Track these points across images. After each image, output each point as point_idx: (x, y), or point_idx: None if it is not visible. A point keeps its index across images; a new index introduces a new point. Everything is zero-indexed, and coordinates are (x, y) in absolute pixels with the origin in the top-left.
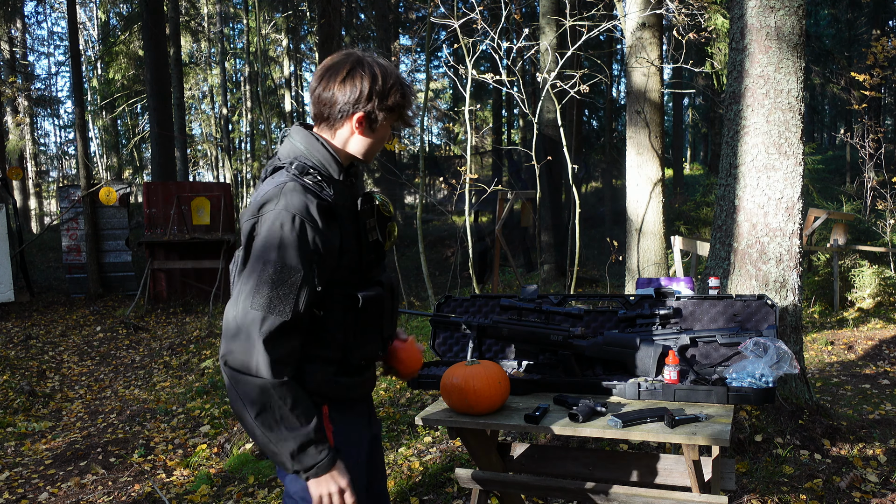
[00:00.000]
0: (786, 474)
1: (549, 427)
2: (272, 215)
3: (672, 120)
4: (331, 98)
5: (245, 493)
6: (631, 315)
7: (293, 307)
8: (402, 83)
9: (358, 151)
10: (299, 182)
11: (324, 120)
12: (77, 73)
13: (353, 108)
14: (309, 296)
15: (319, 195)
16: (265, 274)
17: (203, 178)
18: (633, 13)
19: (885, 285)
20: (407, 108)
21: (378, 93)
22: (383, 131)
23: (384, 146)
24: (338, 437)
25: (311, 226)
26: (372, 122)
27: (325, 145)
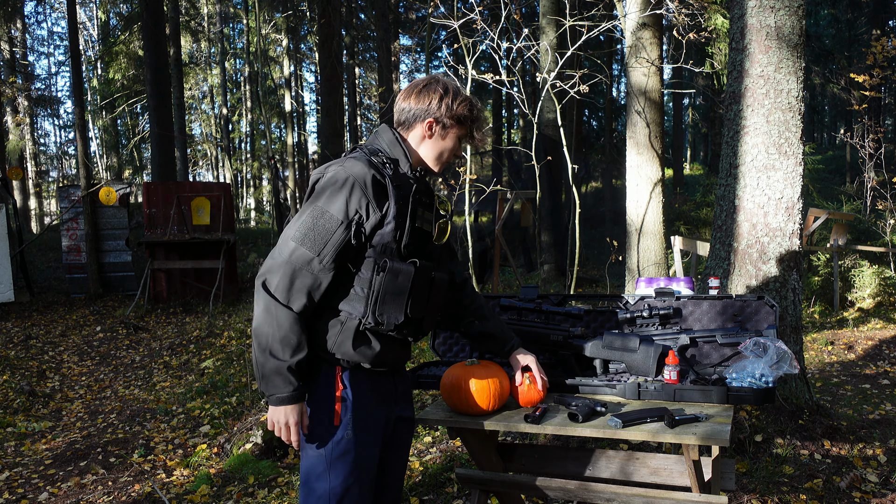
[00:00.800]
0: (786, 474)
1: (549, 427)
2: (332, 173)
3: (672, 120)
4: (408, 106)
5: (245, 493)
6: (631, 315)
7: (322, 247)
8: (473, 102)
9: (426, 155)
10: (367, 158)
11: (401, 124)
12: (77, 73)
13: (425, 114)
14: (342, 245)
15: (379, 170)
16: (310, 214)
17: (203, 178)
18: (633, 13)
19: (885, 285)
20: (474, 123)
21: (447, 104)
22: (451, 141)
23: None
24: (347, 400)
25: (360, 189)
26: (441, 128)
27: (399, 140)
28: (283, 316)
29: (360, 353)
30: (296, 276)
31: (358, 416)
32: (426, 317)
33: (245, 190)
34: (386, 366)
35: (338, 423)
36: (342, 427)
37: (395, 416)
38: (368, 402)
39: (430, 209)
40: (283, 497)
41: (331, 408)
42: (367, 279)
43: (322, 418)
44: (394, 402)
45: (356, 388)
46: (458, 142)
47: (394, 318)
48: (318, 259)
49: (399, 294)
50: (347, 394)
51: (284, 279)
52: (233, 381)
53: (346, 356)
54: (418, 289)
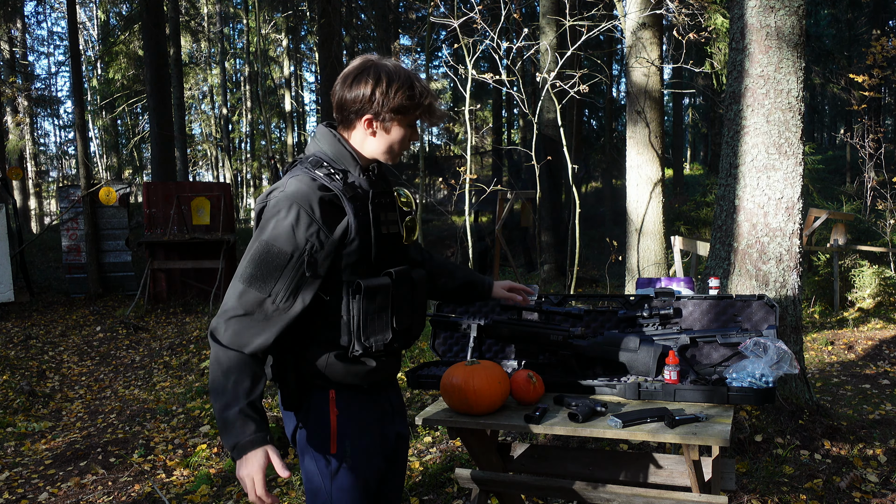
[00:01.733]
0: (786, 474)
1: (549, 427)
2: (274, 201)
3: (672, 120)
4: (341, 102)
5: (245, 494)
6: (631, 315)
7: (273, 285)
8: (411, 85)
9: (373, 152)
10: (310, 175)
11: (340, 123)
12: (77, 73)
13: (360, 111)
14: (296, 281)
15: (327, 186)
16: (257, 249)
17: (203, 178)
18: (633, 13)
19: (885, 285)
20: (418, 108)
21: (382, 95)
22: (397, 132)
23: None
24: (343, 425)
25: (307, 216)
26: (382, 122)
27: (343, 143)
28: (233, 360)
29: (353, 375)
30: (247, 322)
31: (356, 441)
32: (414, 322)
33: (245, 190)
34: (380, 382)
35: (335, 451)
36: (339, 455)
37: (394, 431)
38: (365, 424)
39: (393, 208)
40: (283, 497)
41: (326, 436)
42: (344, 305)
43: (318, 448)
44: (390, 417)
45: (351, 412)
46: (409, 129)
47: (381, 338)
48: (269, 300)
49: (381, 312)
50: (342, 419)
51: (234, 325)
52: None
53: (337, 378)
54: (400, 299)
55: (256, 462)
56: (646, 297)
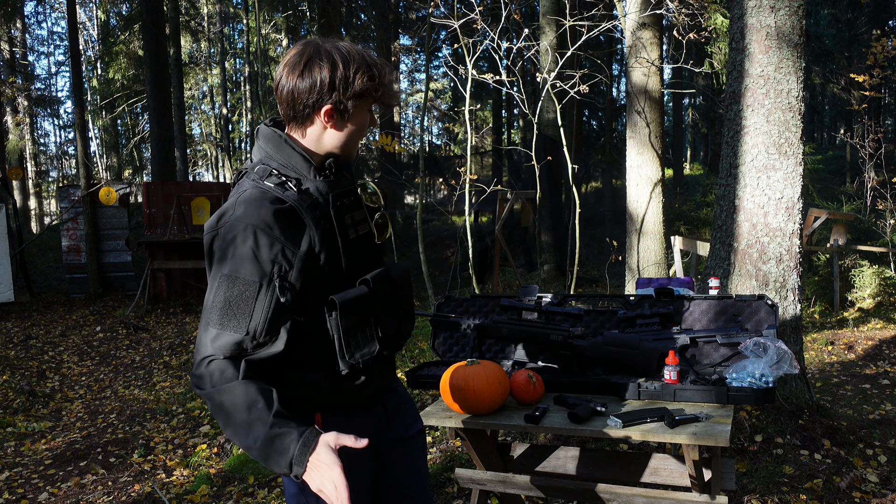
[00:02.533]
0: (786, 474)
1: (549, 427)
2: (226, 228)
3: (672, 120)
4: (292, 94)
5: (245, 493)
6: (631, 315)
7: (248, 322)
8: (369, 64)
9: (335, 146)
10: (259, 188)
11: (292, 119)
12: (77, 73)
13: (319, 102)
14: (273, 309)
15: (281, 198)
16: (220, 285)
17: (203, 178)
18: (633, 13)
19: (886, 285)
20: (380, 89)
21: (341, 80)
22: (359, 120)
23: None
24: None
25: (266, 236)
26: (342, 114)
27: (293, 145)
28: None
29: (340, 395)
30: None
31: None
32: (402, 324)
33: None
34: (375, 395)
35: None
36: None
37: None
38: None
39: (359, 206)
40: (282, 497)
41: None
42: (322, 324)
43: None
44: (385, 425)
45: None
46: (368, 114)
47: (368, 352)
48: (248, 338)
49: (363, 325)
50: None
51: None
52: None
53: (323, 399)
54: (381, 305)
55: (325, 460)
56: (646, 297)
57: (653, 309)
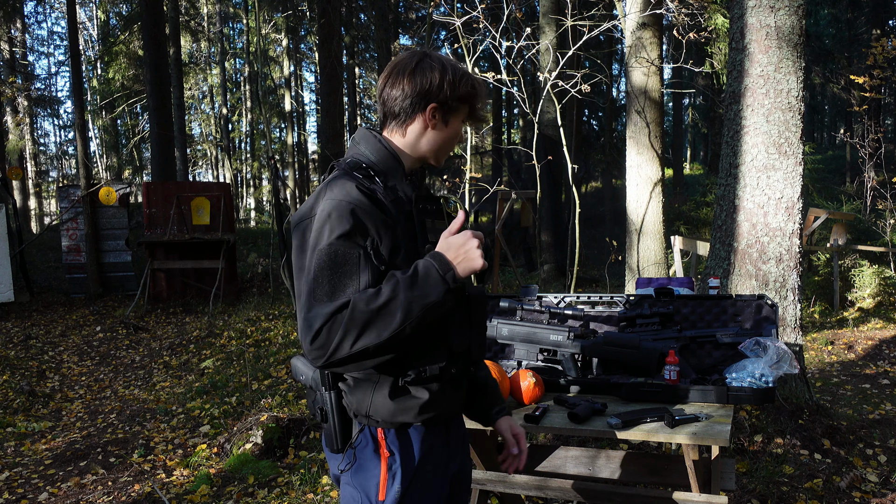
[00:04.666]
0: (786, 474)
1: (549, 427)
2: (321, 206)
3: (672, 120)
4: (402, 93)
5: (245, 493)
6: (631, 315)
7: (358, 283)
8: (471, 76)
9: (430, 148)
10: (348, 175)
11: (394, 118)
12: (77, 73)
13: (426, 99)
14: (373, 274)
15: (369, 186)
16: (321, 260)
17: (203, 178)
18: (633, 13)
19: (885, 285)
20: (479, 100)
21: (450, 82)
22: (456, 126)
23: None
24: (396, 475)
25: (361, 210)
26: (446, 113)
27: (386, 145)
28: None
29: (403, 410)
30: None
31: (411, 489)
32: (473, 343)
33: (245, 190)
34: (439, 416)
35: (383, 499)
36: (389, 501)
37: (453, 471)
38: (422, 469)
39: (441, 216)
40: (282, 497)
41: (375, 480)
42: None
43: (364, 495)
44: (447, 457)
45: (405, 454)
46: (460, 125)
47: (436, 361)
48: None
49: (434, 332)
50: (395, 461)
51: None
52: (233, 381)
53: (385, 415)
54: (454, 316)
55: (457, 241)
56: (646, 297)
57: (653, 309)
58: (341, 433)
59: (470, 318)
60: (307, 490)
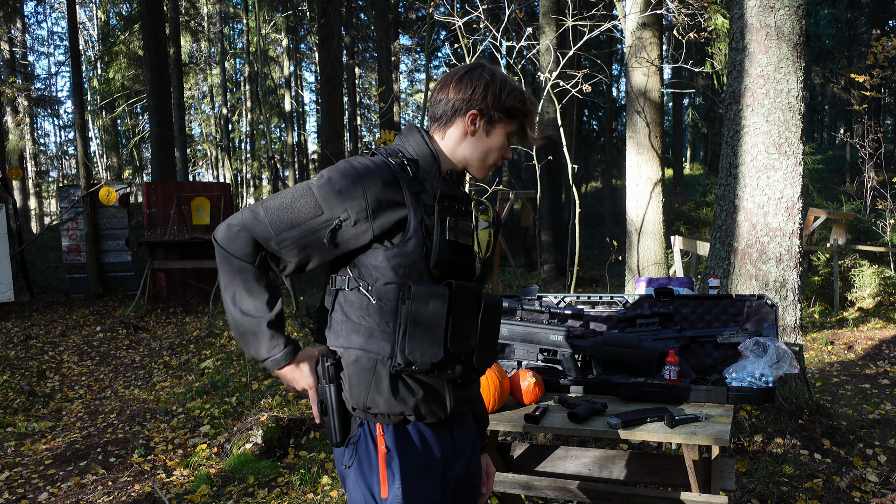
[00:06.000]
0: (786, 474)
1: (549, 427)
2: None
3: (672, 120)
4: (446, 96)
5: (245, 493)
6: (631, 315)
7: (285, 230)
8: (523, 92)
9: (467, 156)
10: (381, 157)
11: (436, 119)
12: (77, 73)
13: (468, 106)
14: (312, 239)
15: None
16: (294, 189)
17: (203, 178)
18: (633, 13)
19: (885, 285)
20: (526, 117)
21: (494, 92)
22: (497, 138)
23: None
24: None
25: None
26: (485, 121)
27: (427, 141)
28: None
29: (401, 403)
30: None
31: (410, 484)
32: (479, 351)
33: (245, 190)
34: (436, 415)
35: (386, 496)
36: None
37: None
38: (423, 468)
39: (468, 217)
40: (282, 497)
41: (375, 477)
42: (390, 310)
43: (368, 491)
44: (452, 458)
45: (403, 451)
46: (507, 140)
47: (429, 355)
48: (273, 241)
49: (432, 325)
50: (393, 457)
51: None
52: (233, 381)
53: (384, 409)
54: (459, 316)
55: (298, 377)
56: (646, 297)
57: (653, 309)
58: (340, 427)
59: (477, 323)
60: (307, 490)
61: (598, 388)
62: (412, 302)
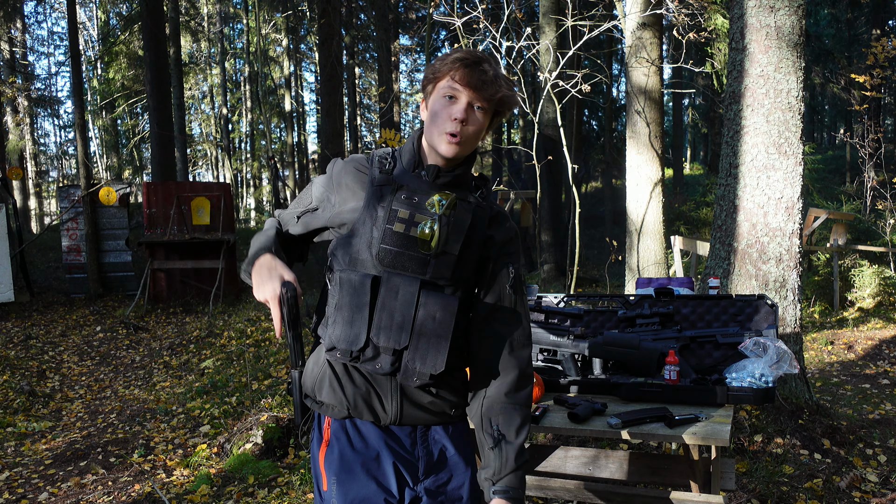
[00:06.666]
0: (786, 474)
1: (549, 427)
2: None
3: (672, 120)
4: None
5: (245, 493)
6: (631, 315)
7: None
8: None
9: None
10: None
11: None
12: (77, 73)
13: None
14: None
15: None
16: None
17: (203, 178)
18: (634, 13)
19: (885, 285)
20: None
21: (432, 65)
22: (436, 100)
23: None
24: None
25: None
26: (428, 92)
27: (413, 140)
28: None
29: (339, 394)
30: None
31: (345, 484)
32: (414, 348)
33: (245, 190)
34: (375, 415)
35: (326, 489)
36: (329, 495)
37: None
38: (360, 466)
39: (422, 209)
40: (282, 497)
41: (318, 470)
42: (333, 296)
43: (315, 480)
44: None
45: (344, 447)
46: (448, 99)
47: (346, 342)
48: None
49: (353, 313)
50: (332, 450)
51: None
52: (233, 381)
53: (326, 399)
54: (386, 308)
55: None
56: (646, 296)
57: (653, 309)
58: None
59: (413, 320)
60: (307, 490)
61: (598, 388)
62: (339, 287)
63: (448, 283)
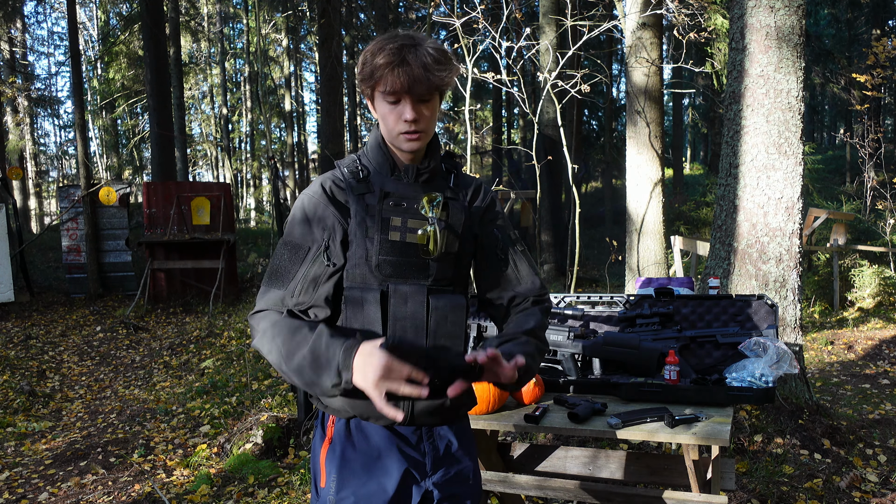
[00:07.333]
0: (786, 474)
1: (549, 427)
2: (296, 203)
3: (672, 120)
4: None
5: (245, 493)
6: (631, 315)
7: (290, 281)
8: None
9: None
10: (333, 170)
11: None
12: (77, 73)
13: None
14: (313, 271)
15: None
16: (276, 253)
17: (203, 178)
18: (633, 13)
19: (885, 285)
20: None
21: (364, 59)
22: (380, 102)
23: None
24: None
25: (317, 204)
26: (367, 92)
27: (381, 143)
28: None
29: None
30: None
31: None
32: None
33: (245, 190)
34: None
35: (324, 486)
36: (325, 492)
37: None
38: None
39: (414, 214)
40: (282, 497)
41: (317, 467)
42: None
43: (313, 476)
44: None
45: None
46: (392, 103)
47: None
48: (288, 295)
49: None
50: (335, 448)
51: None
52: (233, 381)
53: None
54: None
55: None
56: (646, 296)
57: (653, 309)
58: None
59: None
60: (307, 490)
61: (598, 388)
62: (347, 306)
63: (451, 282)
